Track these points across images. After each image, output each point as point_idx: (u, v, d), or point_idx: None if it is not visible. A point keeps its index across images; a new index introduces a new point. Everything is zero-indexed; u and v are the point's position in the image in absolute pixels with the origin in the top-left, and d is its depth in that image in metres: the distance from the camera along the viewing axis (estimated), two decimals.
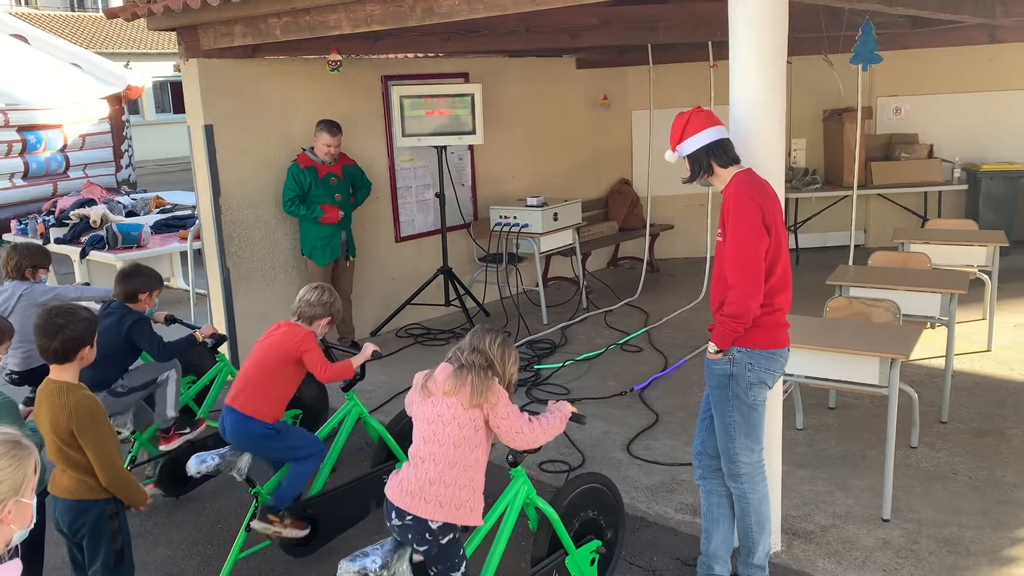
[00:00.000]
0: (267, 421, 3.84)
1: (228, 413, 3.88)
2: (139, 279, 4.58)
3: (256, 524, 3.77)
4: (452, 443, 2.97)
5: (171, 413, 4.65)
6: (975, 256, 6.11)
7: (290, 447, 3.92)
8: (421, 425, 3.07)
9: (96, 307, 5.07)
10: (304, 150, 6.41)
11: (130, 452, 4.75)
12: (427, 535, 2.95)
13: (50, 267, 5.30)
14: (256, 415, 3.82)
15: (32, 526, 1.96)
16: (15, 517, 1.89)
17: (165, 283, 9.27)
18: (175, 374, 4.69)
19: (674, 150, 3.42)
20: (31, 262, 5.06)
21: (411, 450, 3.08)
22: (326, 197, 6.36)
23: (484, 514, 3.10)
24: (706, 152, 3.33)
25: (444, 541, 2.97)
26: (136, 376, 4.58)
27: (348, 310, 6.80)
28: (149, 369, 4.69)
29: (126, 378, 4.54)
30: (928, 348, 5.79)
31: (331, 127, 6.33)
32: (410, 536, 2.98)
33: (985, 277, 6.12)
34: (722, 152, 3.34)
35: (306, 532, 3.88)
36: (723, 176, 3.36)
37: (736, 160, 3.35)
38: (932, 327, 5.26)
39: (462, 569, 3.04)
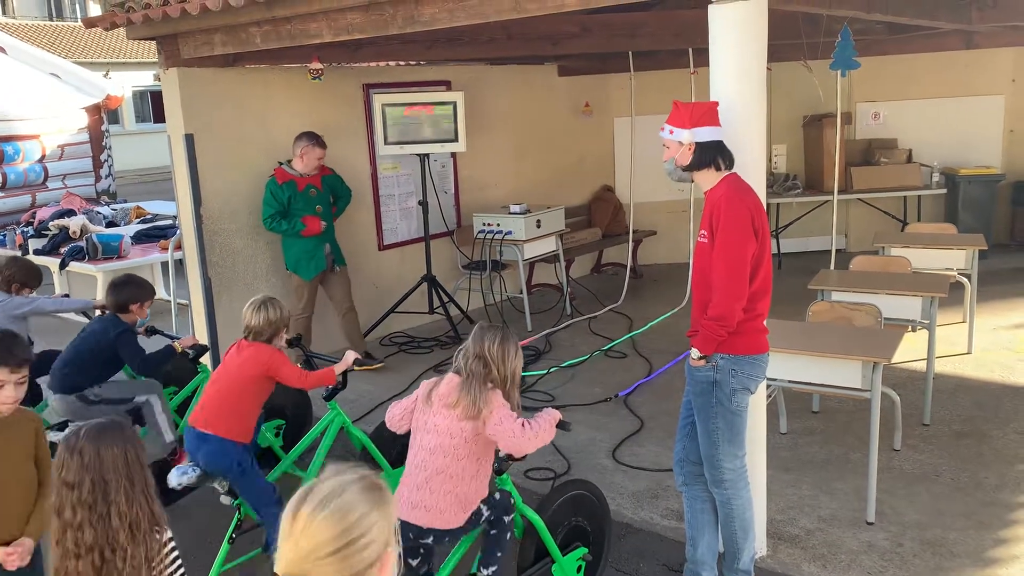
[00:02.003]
0: (244, 442, 3.80)
1: (199, 438, 3.76)
2: (130, 289, 4.52)
3: None
4: (441, 452, 3.02)
5: (169, 437, 4.56)
6: (955, 260, 6.17)
7: (251, 488, 3.85)
8: (416, 434, 3.13)
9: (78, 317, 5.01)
10: (281, 164, 6.26)
11: None
12: (427, 537, 3.03)
13: (35, 290, 5.23)
14: (234, 437, 3.76)
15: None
16: (386, 567, 1.62)
17: None
18: (158, 399, 4.60)
19: (689, 128, 3.31)
20: (21, 278, 5.02)
21: (407, 459, 3.14)
22: (307, 209, 6.23)
23: (486, 497, 3.15)
24: (718, 147, 3.33)
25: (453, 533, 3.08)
26: (113, 389, 4.52)
27: (353, 321, 6.64)
28: (127, 387, 4.63)
29: (103, 388, 4.48)
30: (909, 351, 5.83)
31: (319, 140, 6.23)
32: (415, 537, 3.05)
33: (965, 280, 6.17)
34: (729, 153, 3.35)
35: None
36: (714, 177, 3.36)
37: (733, 164, 3.37)
38: (913, 330, 5.31)
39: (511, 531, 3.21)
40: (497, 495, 3.19)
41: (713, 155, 3.33)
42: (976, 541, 3.90)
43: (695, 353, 3.36)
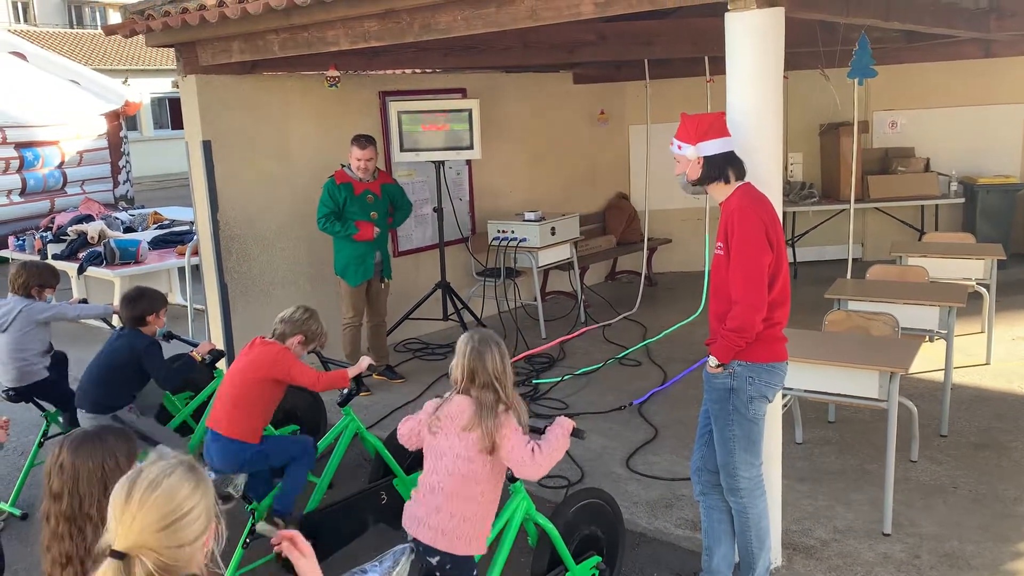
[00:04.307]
0: (252, 442, 3.82)
1: (213, 439, 3.86)
2: (144, 302, 4.50)
3: (261, 526, 3.77)
4: (459, 475, 2.98)
5: None
6: (973, 269, 6.12)
7: (280, 457, 3.89)
8: (430, 456, 3.08)
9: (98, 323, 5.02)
10: (342, 166, 6.22)
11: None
12: (434, 557, 3.00)
13: (56, 288, 5.27)
14: (241, 437, 3.79)
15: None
16: (210, 537, 1.87)
17: None
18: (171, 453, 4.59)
19: (694, 144, 3.31)
20: (38, 281, 5.04)
21: (421, 478, 3.10)
22: (361, 214, 6.14)
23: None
24: (726, 160, 3.32)
25: (460, 560, 3.00)
26: (146, 424, 4.50)
27: (381, 332, 6.59)
28: (158, 430, 4.59)
29: (138, 418, 4.46)
30: (927, 361, 5.78)
31: (360, 140, 6.14)
32: (422, 554, 3.02)
33: (983, 290, 6.12)
34: (739, 164, 3.33)
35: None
36: (727, 189, 3.35)
37: (744, 174, 3.36)
38: (931, 340, 5.26)
39: None
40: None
41: (722, 168, 3.32)
42: (994, 554, 3.86)
43: (712, 361, 3.35)
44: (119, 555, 1.73)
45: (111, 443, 2.21)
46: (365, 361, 4.23)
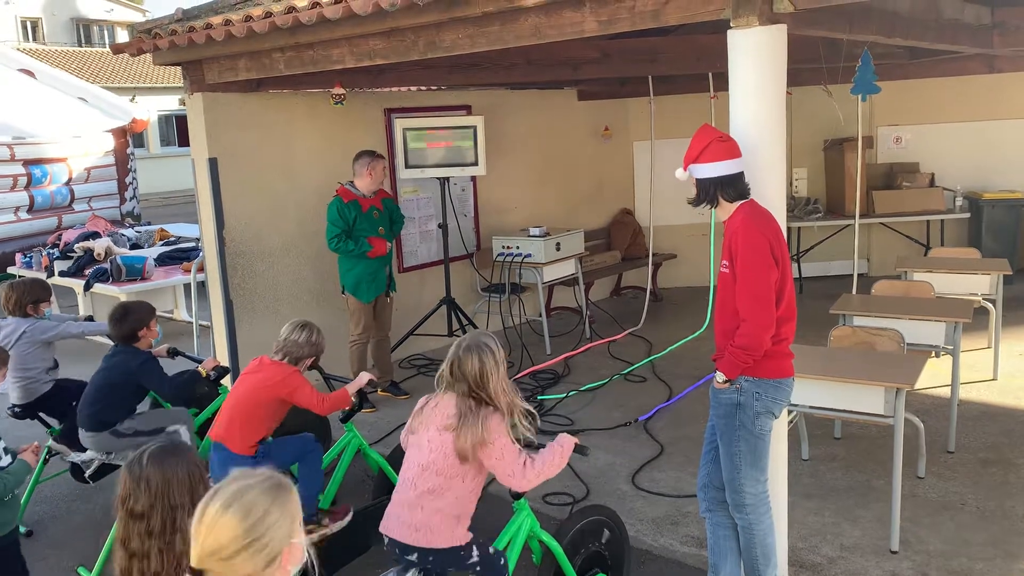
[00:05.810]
0: (249, 455, 3.84)
1: (217, 451, 3.88)
2: (131, 318, 4.49)
3: None
4: (434, 470, 2.98)
5: None
6: (979, 284, 6.10)
7: (281, 459, 3.90)
8: (410, 449, 3.12)
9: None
10: (343, 184, 6.20)
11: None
12: (412, 554, 2.99)
13: (51, 299, 5.26)
14: (243, 452, 3.82)
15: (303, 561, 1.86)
16: (291, 558, 1.80)
17: (169, 315, 9.30)
18: (187, 431, 4.61)
19: (685, 168, 3.39)
20: (31, 298, 5.03)
21: (400, 474, 3.12)
22: (371, 231, 6.15)
23: (482, 544, 3.09)
24: (716, 184, 3.33)
25: (442, 554, 2.98)
26: (145, 421, 4.51)
27: (386, 348, 6.59)
28: (159, 417, 4.63)
29: (135, 420, 4.48)
30: (933, 377, 5.76)
31: (377, 155, 6.20)
32: (397, 552, 3.03)
33: (989, 305, 6.11)
34: (731, 187, 3.34)
35: (350, 515, 3.96)
36: (728, 208, 3.36)
37: (744, 195, 3.36)
38: (937, 356, 5.24)
39: None
40: (491, 550, 3.10)
41: (709, 191, 3.35)
42: (1003, 571, 3.83)
43: (719, 376, 3.34)
44: (197, 573, 1.71)
45: (192, 454, 2.23)
46: (365, 376, 4.23)
